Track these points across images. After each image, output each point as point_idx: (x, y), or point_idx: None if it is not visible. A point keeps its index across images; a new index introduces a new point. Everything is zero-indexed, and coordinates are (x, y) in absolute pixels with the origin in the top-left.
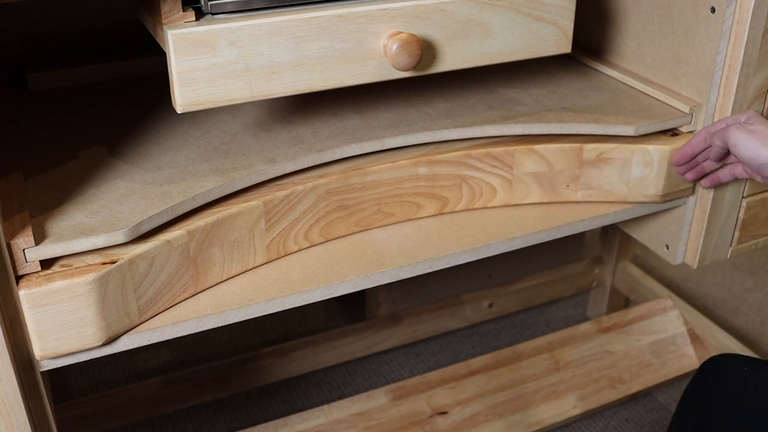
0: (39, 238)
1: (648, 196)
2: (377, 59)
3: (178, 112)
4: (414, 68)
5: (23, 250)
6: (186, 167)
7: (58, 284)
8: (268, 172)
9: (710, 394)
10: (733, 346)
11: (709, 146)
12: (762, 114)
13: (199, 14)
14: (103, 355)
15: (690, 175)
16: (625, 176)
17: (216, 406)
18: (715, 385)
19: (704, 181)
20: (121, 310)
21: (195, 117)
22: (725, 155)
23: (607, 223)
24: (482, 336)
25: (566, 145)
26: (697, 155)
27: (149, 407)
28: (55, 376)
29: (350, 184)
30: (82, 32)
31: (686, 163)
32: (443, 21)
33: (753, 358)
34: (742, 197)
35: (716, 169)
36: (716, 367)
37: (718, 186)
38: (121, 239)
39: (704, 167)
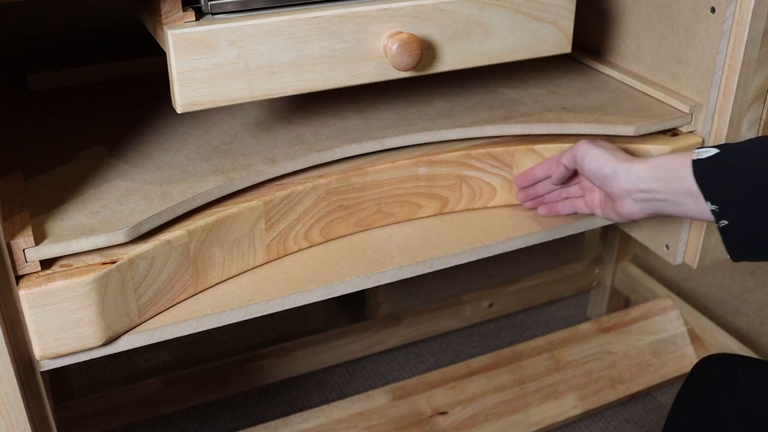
0: (39, 238)
1: None
2: (377, 59)
3: (178, 112)
4: (414, 68)
5: (23, 250)
6: (186, 167)
7: (58, 284)
8: (268, 172)
9: (704, 394)
10: (733, 346)
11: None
12: (761, 114)
13: (199, 14)
14: (103, 355)
15: (529, 203)
16: None
17: (216, 406)
18: (709, 385)
19: (542, 209)
20: (121, 310)
21: (195, 117)
22: (569, 178)
23: (607, 223)
24: (482, 336)
25: (566, 145)
26: (539, 180)
27: (149, 407)
28: (55, 376)
29: (350, 184)
30: (82, 32)
31: (529, 186)
32: (443, 21)
33: (746, 357)
34: None
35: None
36: (710, 367)
37: (555, 216)
38: (121, 239)
39: (544, 198)
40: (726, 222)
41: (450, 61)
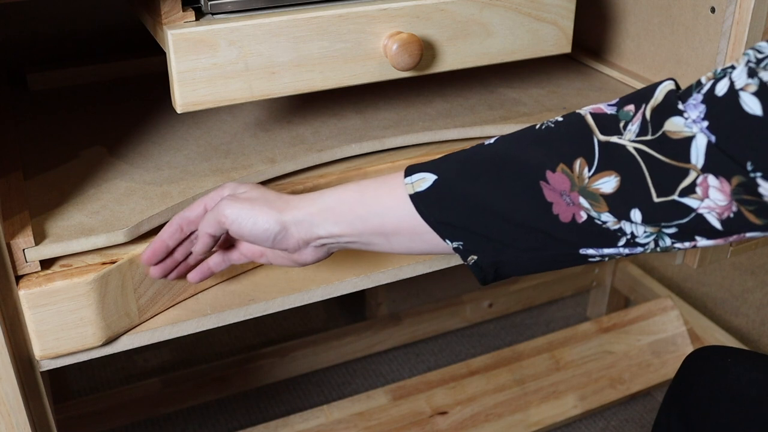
0: (39, 238)
1: None
2: (377, 59)
3: (178, 112)
4: (414, 68)
5: (23, 250)
6: (186, 167)
7: (58, 284)
8: (268, 172)
9: (695, 386)
10: (733, 345)
11: (188, 235)
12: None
13: (199, 14)
14: (103, 355)
15: (172, 275)
16: None
17: (216, 406)
18: (699, 377)
19: (192, 275)
20: (121, 310)
21: (195, 117)
22: (217, 242)
23: None
24: (482, 336)
25: None
26: (174, 249)
27: (149, 407)
28: (55, 376)
29: None
30: (82, 32)
31: (161, 261)
32: (443, 21)
33: (737, 349)
34: None
35: (202, 259)
36: (700, 359)
37: (210, 276)
38: (121, 239)
39: (188, 262)
40: (476, 257)
41: (450, 61)
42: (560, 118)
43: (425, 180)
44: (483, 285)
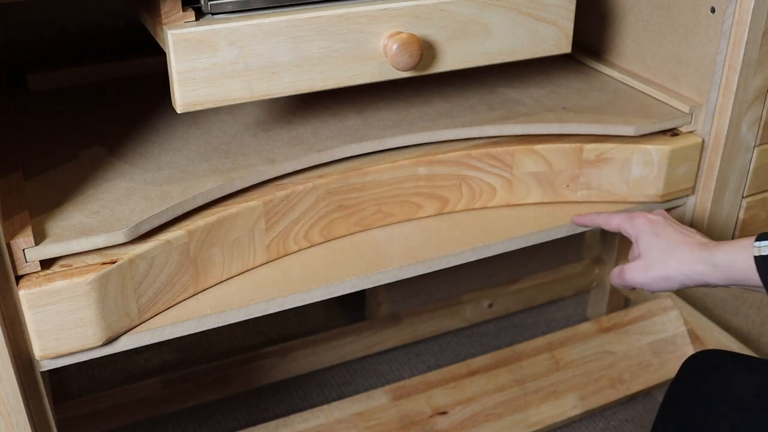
0: (39, 238)
1: (648, 196)
2: (377, 59)
3: (178, 112)
4: (414, 68)
5: (23, 250)
6: (186, 167)
7: (58, 284)
8: (268, 172)
9: (693, 391)
10: (733, 346)
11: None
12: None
13: (199, 14)
14: (103, 355)
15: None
16: (625, 176)
17: (216, 406)
18: (697, 381)
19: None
20: (121, 310)
21: (195, 117)
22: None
23: None
24: (482, 336)
25: (566, 145)
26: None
27: (149, 407)
28: (54, 376)
29: (350, 184)
30: (82, 32)
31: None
32: (443, 21)
33: (736, 353)
34: (742, 197)
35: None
36: (699, 363)
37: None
38: (121, 239)
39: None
40: None
41: (450, 61)
42: None
43: None
44: None
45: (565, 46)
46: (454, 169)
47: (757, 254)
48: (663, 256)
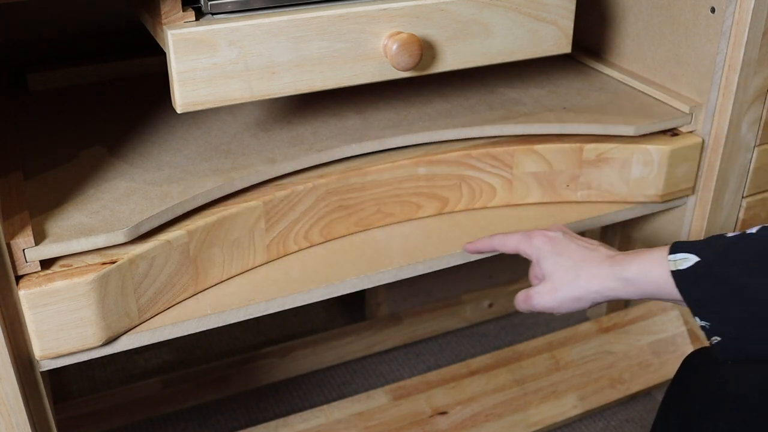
0: (39, 238)
1: (648, 196)
2: (377, 59)
3: (178, 112)
4: (414, 68)
5: (23, 250)
6: (186, 167)
7: (58, 284)
8: (268, 172)
9: (693, 389)
10: None
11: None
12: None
13: (199, 14)
14: (103, 355)
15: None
16: (625, 176)
17: (216, 406)
18: (698, 380)
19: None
20: (121, 310)
21: (195, 117)
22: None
23: (607, 223)
24: (482, 336)
25: (566, 145)
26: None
27: (149, 407)
28: (54, 376)
29: (350, 184)
30: (82, 32)
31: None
32: (443, 21)
33: None
34: (742, 197)
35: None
36: (699, 361)
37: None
38: (121, 239)
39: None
40: (719, 338)
41: (450, 61)
42: None
43: (687, 260)
44: (723, 361)
45: (565, 46)
46: (454, 169)
47: (673, 269)
48: (569, 275)
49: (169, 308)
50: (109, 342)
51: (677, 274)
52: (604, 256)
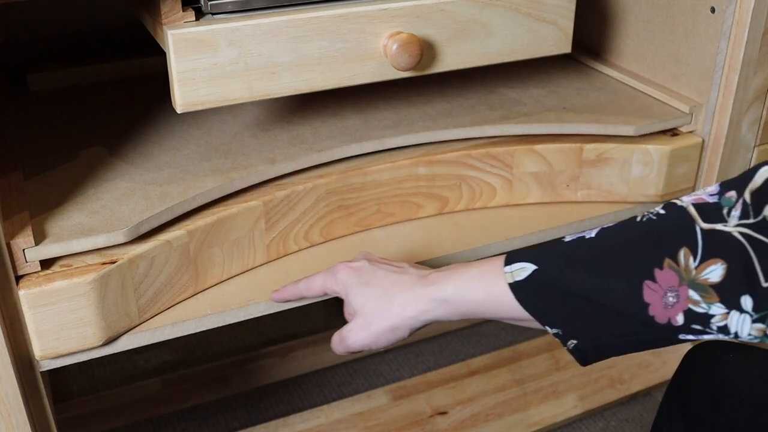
0: (39, 238)
1: (648, 196)
2: (377, 59)
3: (178, 112)
4: (414, 68)
5: (23, 250)
6: (186, 167)
7: (58, 284)
8: (268, 172)
9: (696, 383)
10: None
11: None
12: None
13: (199, 14)
14: (103, 355)
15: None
16: (625, 176)
17: (216, 406)
18: (700, 373)
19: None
20: (121, 310)
21: (195, 117)
22: None
23: (607, 223)
24: (482, 336)
25: (566, 145)
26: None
27: (149, 407)
28: (54, 376)
29: (350, 184)
30: (82, 32)
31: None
32: (443, 21)
33: (737, 344)
34: None
35: None
36: (701, 354)
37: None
38: (121, 239)
39: None
40: (575, 341)
41: (450, 61)
42: (662, 210)
43: (524, 269)
44: (583, 366)
45: (565, 46)
46: (454, 169)
47: (510, 281)
48: (380, 305)
49: (169, 308)
50: (109, 342)
51: (515, 286)
52: (415, 277)
